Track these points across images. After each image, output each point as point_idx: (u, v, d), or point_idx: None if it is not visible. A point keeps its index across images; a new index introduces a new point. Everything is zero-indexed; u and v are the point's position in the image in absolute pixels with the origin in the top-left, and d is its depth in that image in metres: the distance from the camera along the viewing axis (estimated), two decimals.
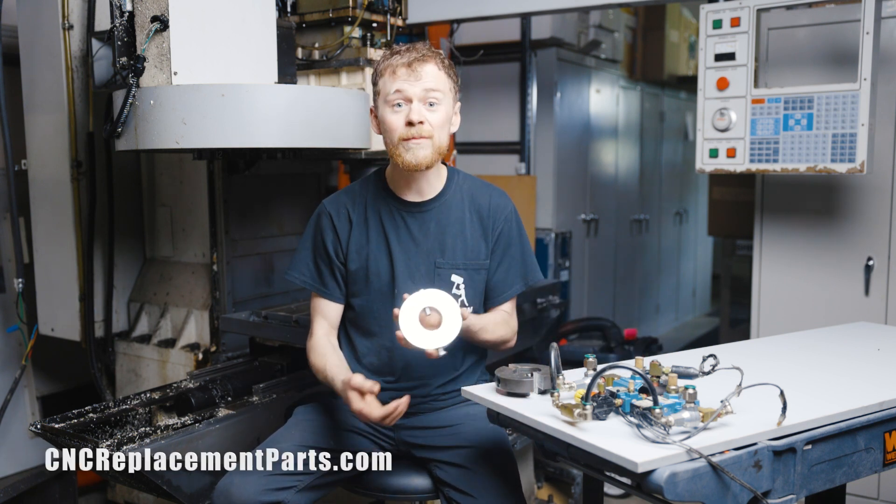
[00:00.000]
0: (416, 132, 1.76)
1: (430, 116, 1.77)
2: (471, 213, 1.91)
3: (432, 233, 1.89)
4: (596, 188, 4.93)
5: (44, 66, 2.86)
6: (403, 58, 1.78)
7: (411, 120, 1.76)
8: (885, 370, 1.72)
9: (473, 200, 1.93)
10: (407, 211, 1.89)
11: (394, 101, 1.77)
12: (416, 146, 1.77)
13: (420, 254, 1.88)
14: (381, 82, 1.81)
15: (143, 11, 2.11)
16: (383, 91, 1.80)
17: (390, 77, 1.78)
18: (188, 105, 2.05)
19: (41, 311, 3.03)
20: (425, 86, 1.76)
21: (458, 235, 1.89)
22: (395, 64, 1.78)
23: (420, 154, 1.78)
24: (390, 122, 1.79)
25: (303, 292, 3.32)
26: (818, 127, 2.62)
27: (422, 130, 1.76)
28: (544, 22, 4.23)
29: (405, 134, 1.77)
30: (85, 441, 2.04)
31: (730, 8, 2.73)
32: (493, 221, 1.92)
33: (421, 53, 1.78)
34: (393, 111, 1.78)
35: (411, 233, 1.88)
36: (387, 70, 1.79)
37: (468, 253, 1.89)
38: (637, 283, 5.66)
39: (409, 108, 1.77)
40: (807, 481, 1.34)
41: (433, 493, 1.87)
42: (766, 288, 3.10)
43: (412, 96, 1.76)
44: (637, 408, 1.32)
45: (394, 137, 1.78)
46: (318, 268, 1.92)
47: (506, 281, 1.93)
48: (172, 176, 3.14)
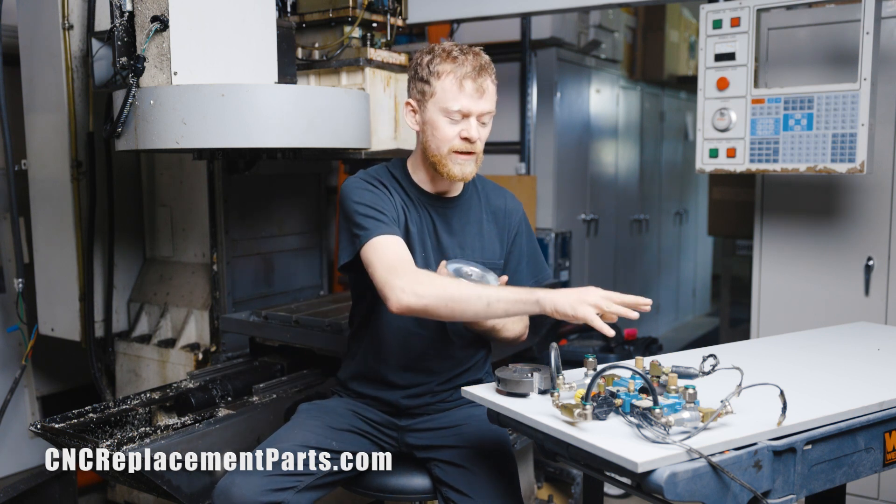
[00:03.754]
0: (470, 148, 1.80)
1: (482, 133, 1.82)
2: (487, 214, 1.97)
3: (454, 229, 1.93)
4: (596, 188, 4.93)
5: (44, 66, 2.86)
6: (468, 68, 1.78)
7: (470, 138, 1.79)
8: (885, 370, 1.72)
9: (489, 202, 1.99)
10: (432, 205, 1.92)
11: (455, 115, 1.79)
12: (465, 161, 1.82)
13: (441, 248, 1.91)
14: (440, 87, 1.79)
15: (143, 11, 2.11)
16: (441, 97, 1.79)
17: (455, 87, 1.78)
18: (188, 105, 2.05)
19: (41, 311, 3.03)
20: (486, 107, 1.80)
21: (477, 234, 1.95)
22: (460, 75, 1.78)
23: (468, 170, 1.83)
24: (445, 133, 1.80)
25: (303, 292, 3.33)
26: (818, 127, 2.62)
27: (475, 148, 1.81)
28: (544, 22, 4.23)
29: (459, 148, 1.80)
30: (85, 441, 2.04)
31: (730, 8, 2.73)
32: (509, 224, 1.99)
33: (482, 65, 1.79)
34: (450, 122, 1.80)
35: (436, 226, 1.91)
36: (449, 77, 1.78)
37: (485, 252, 1.94)
38: (637, 283, 5.66)
39: (468, 123, 1.79)
40: (807, 481, 1.34)
41: (432, 494, 1.88)
42: (766, 288, 3.10)
43: (473, 114, 1.79)
44: (637, 408, 1.32)
45: (444, 148, 1.81)
46: (382, 213, 1.78)
47: (519, 281, 1.97)
48: (172, 176, 3.14)
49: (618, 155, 5.28)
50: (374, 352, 1.94)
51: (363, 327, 1.97)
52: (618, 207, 5.26)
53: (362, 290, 1.92)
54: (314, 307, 2.78)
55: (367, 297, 1.91)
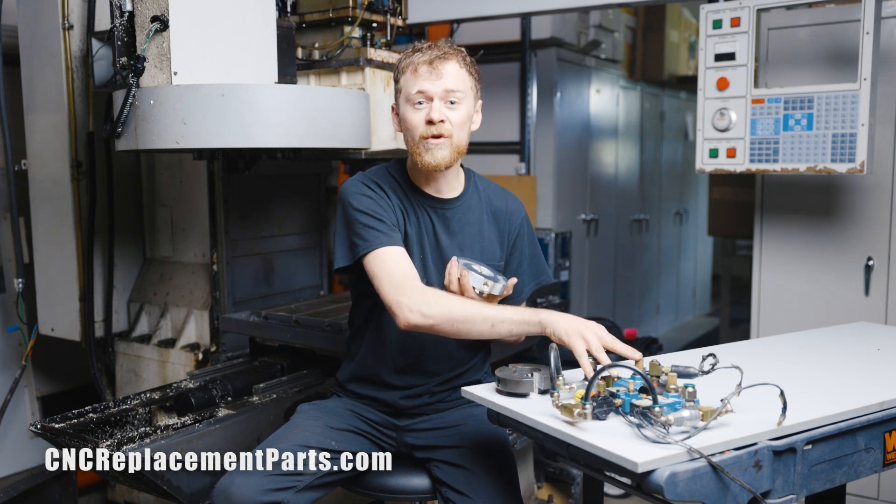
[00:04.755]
0: (436, 131, 1.78)
1: (450, 115, 1.79)
2: (488, 216, 1.96)
3: (454, 231, 1.92)
4: (596, 188, 4.93)
5: (44, 66, 2.86)
6: (425, 55, 1.78)
7: (432, 118, 1.78)
8: (885, 370, 1.71)
9: (490, 203, 1.97)
10: (431, 207, 1.91)
11: (415, 99, 1.79)
12: (435, 146, 1.79)
13: (440, 250, 1.90)
14: (403, 80, 1.82)
15: (143, 11, 2.11)
16: (405, 89, 1.81)
17: (412, 75, 1.79)
18: (188, 105, 2.05)
19: (41, 311, 3.03)
20: (446, 85, 1.78)
21: (477, 236, 1.94)
22: (416, 62, 1.79)
23: (439, 155, 1.80)
24: (411, 121, 1.80)
25: (303, 292, 3.33)
26: (818, 127, 2.62)
27: (442, 129, 1.78)
28: (544, 22, 4.23)
29: (425, 132, 1.79)
30: (85, 441, 2.04)
31: (730, 8, 2.73)
32: (510, 226, 1.98)
33: (442, 51, 1.79)
34: (414, 109, 1.80)
35: (435, 228, 1.90)
36: (408, 68, 1.80)
37: (485, 254, 1.93)
38: (637, 283, 5.66)
39: (430, 106, 1.78)
40: (807, 481, 1.34)
41: (432, 494, 1.88)
42: (766, 288, 3.10)
43: (433, 95, 1.78)
44: (637, 407, 1.32)
45: (415, 136, 1.80)
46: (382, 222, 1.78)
47: (520, 282, 1.97)
48: (172, 176, 3.14)
49: (618, 155, 5.28)
50: (372, 353, 1.94)
51: (363, 329, 1.97)
52: (618, 207, 5.26)
53: (362, 292, 1.92)
54: (314, 307, 2.78)
55: (367, 299, 1.91)
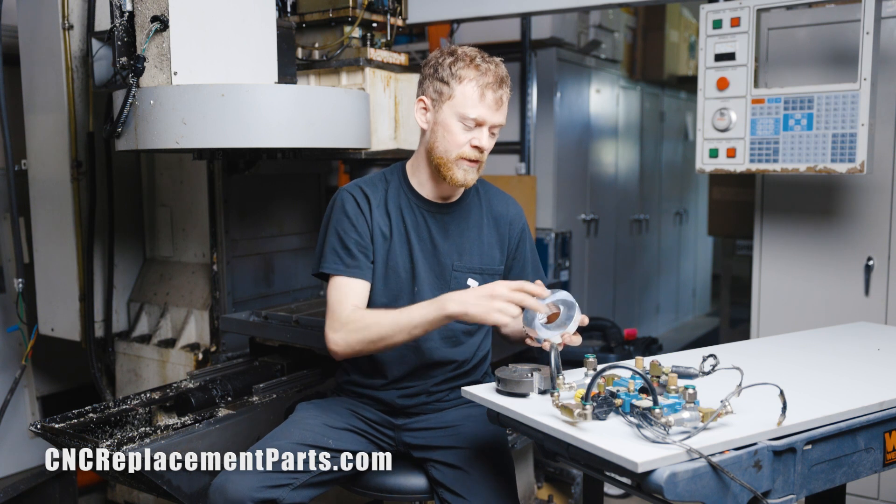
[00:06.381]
0: (476, 156, 1.82)
1: (490, 144, 1.84)
2: (488, 220, 1.97)
3: (451, 235, 1.92)
4: (596, 188, 4.93)
5: (44, 66, 2.86)
6: (491, 78, 1.79)
7: (482, 147, 1.81)
8: (885, 370, 1.71)
9: (491, 208, 1.99)
10: (428, 210, 1.91)
11: (470, 122, 1.80)
12: (469, 168, 1.83)
13: (438, 254, 1.90)
14: (460, 91, 1.79)
15: (143, 11, 2.11)
16: (460, 103, 1.79)
17: (475, 94, 1.78)
18: (188, 105, 2.05)
19: (41, 311, 3.03)
20: (500, 120, 1.82)
21: (476, 240, 1.94)
22: (482, 83, 1.78)
23: (471, 177, 1.85)
24: (457, 138, 1.81)
25: (303, 292, 3.32)
26: (818, 127, 2.62)
27: (481, 157, 1.83)
28: (544, 22, 4.23)
29: (468, 155, 1.81)
30: (85, 441, 2.04)
31: (730, 8, 2.73)
32: (510, 231, 1.99)
33: (501, 76, 1.81)
34: (464, 128, 1.80)
35: (431, 233, 1.91)
36: (471, 83, 1.78)
37: (484, 258, 1.94)
38: (637, 283, 5.66)
39: (481, 132, 1.81)
40: (807, 481, 1.34)
41: (429, 494, 1.88)
42: (766, 288, 3.10)
43: (487, 123, 1.80)
44: (637, 408, 1.32)
45: (453, 153, 1.81)
46: (347, 248, 1.85)
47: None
48: (172, 176, 3.14)
49: (618, 155, 5.28)
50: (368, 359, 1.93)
51: None
52: (618, 207, 5.26)
53: None
54: (314, 307, 2.78)
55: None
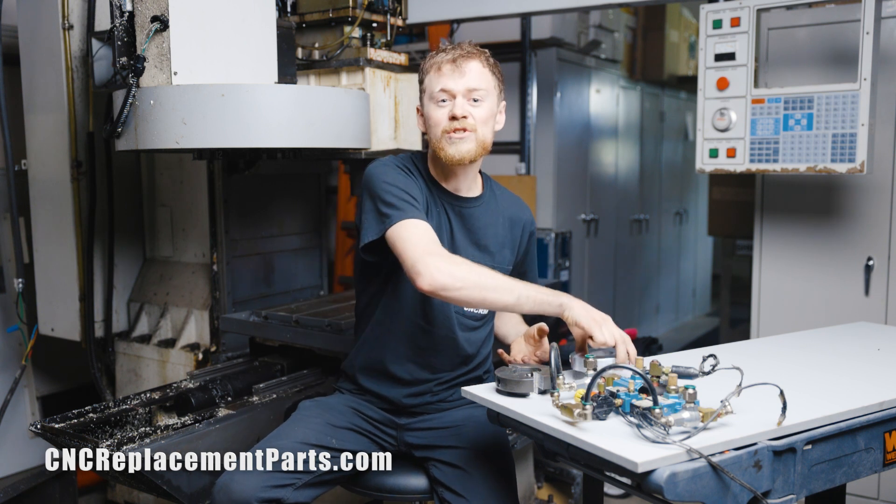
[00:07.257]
0: (458, 125, 1.80)
1: (473, 111, 1.81)
2: (504, 220, 1.99)
3: (472, 229, 1.93)
4: (596, 188, 4.93)
5: (44, 66, 2.86)
6: (448, 55, 1.82)
7: (455, 114, 1.80)
8: (885, 370, 1.71)
9: (505, 210, 2.00)
10: (449, 203, 1.92)
11: (439, 97, 1.81)
12: (458, 139, 1.80)
13: (458, 247, 1.91)
14: (427, 80, 1.85)
15: (143, 11, 2.11)
16: (429, 88, 1.84)
17: (435, 74, 1.82)
18: (188, 105, 2.05)
19: (41, 311, 3.03)
20: (469, 84, 1.80)
21: (492, 238, 1.96)
22: (440, 61, 1.82)
23: (463, 148, 1.81)
24: (434, 117, 1.82)
25: (303, 292, 3.33)
26: (818, 127, 2.62)
27: (465, 124, 1.80)
28: (544, 22, 4.23)
29: (448, 127, 1.81)
30: (85, 441, 2.04)
31: (730, 8, 2.73)
32: (522, 235, 2.03)
33: (465, 51, 1.82)
34: (438, 106, 1.82)
35: (451, 225, 1.91)
36: (432, 68, 1.83)
37: (496, 257, 1.96)
38: (637, 283, 5.66)
39: (454, 103, 1.80)
40: (807, 481, 1.34)
41: (430, 494, 1.88)
42: (766, 288, 3.10)
43: (457, 92, 1.80)
44: (637, 408, 1.32)
45: (437, 132, 1.82)
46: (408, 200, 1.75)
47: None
48: (172, 176, 3.14)
49: (618, 155, 5.28)
50: (380, 340, 1.93)
51: (367, 315, 1.96)
52: (618, 207, 5.26)
53: (371, 277, 1.92)
54: (314, 307, 2.78)
55: (375, 283, 1.91)
